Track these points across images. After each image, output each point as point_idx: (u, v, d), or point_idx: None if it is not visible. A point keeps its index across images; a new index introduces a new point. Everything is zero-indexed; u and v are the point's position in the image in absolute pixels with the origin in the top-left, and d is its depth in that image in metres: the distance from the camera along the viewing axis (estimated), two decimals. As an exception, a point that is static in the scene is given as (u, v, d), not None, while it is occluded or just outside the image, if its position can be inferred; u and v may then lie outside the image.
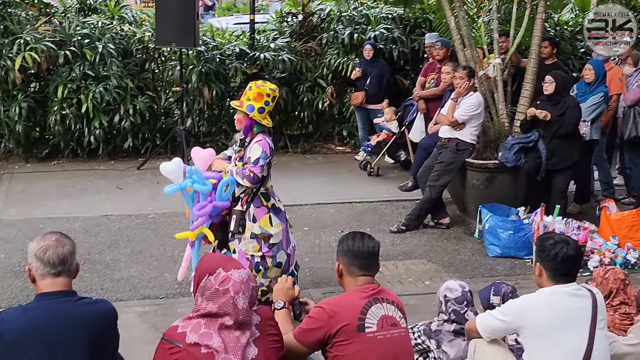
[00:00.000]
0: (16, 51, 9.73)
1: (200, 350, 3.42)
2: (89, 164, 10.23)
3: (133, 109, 10.17)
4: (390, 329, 3.76)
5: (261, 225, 5.57)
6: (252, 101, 5.46)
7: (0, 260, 7.01)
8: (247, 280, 3.54)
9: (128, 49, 10.53)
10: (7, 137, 10.13)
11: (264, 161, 5.44)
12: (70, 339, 3.46)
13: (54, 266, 3.57)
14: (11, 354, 3.47)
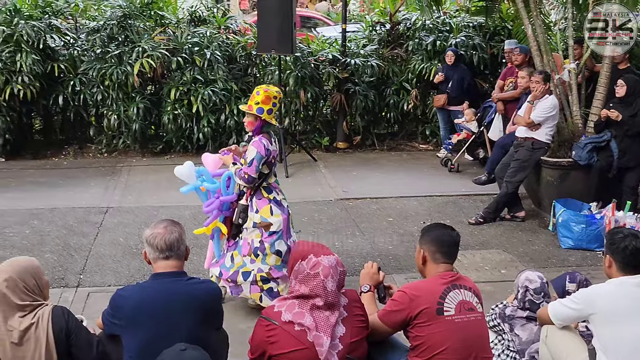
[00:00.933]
0: (135, 58, 10.00)
1: (294, 327, 3.47)
2: (197, 158, 10.38)
3: (237, 110, 10.32)
4: (467, 313, 3.72)
5: (262, 214, 5.53)
6: (261, 104, 5.42)
7: (120, 243, 7.23)
8: (335, 266, 3.57)
9: (233, 55, 10.69)
10: (126, 134, 10.41)
11: (257, 162, 5.37)
12: (179, 314, 3.56)
13: (162, 251, 3.67)
14: (128, 325, 3.59)
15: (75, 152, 10.69)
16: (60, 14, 10.72)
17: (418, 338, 3.69)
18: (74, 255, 6.89)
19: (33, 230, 7.54)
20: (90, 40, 10.46)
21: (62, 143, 10.96)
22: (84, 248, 7.09)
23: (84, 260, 6.79)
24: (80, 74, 10.32)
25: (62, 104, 10.34)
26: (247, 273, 5.54)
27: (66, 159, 10.46)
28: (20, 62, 9.81)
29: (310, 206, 8.43)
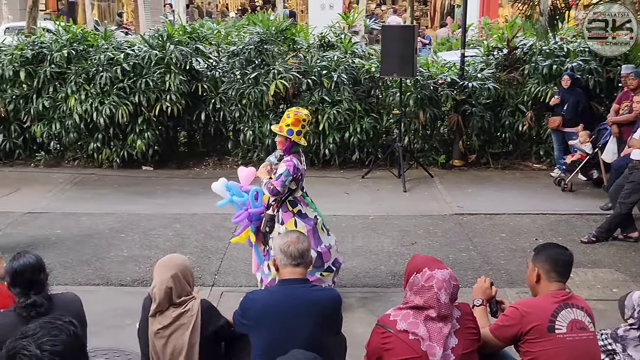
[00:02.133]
0: (270, 79, 10.20)
1: (408, 336, 3.40)
2: (323, 172, 10.50)
3: (360, 128, 10.32)
4: (579, 332, 3.53)
5: (287, 227, 5.55)
6: (291, 126, 5.48)
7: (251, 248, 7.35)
8: (449, 279, 3.48)
9: (357, 78, 10.71)
10: (260, 148, 10.62)
11: (285, 178, 5.44)
12: (303, 317, 3.57)
13: (294, 259, 3.69)
14: (255, 326, 3.63)
15: (215, 163, 11.00)
16: (205, 40, 11.08)
17: (528, 354, 3.54)
18: (210, 257, 7.07)
19: (175, 233, 7.79)
20: (230, 63, 10.76)
21: (203, 155, 11.31)
22: (219, 251, 7.27)
23: (219, 262, 6.96)
24: (221, 93, 10.63)
25: (204, 119, 10.68)
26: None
27: (206, 170, 10.78)
28: (169, 82, 10.20)
29: (426, 220, 8.30)
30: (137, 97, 10.24)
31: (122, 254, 7.20)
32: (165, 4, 28.27)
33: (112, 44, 10.77)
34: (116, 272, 6.73)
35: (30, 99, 10.61)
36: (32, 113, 10.60)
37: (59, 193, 9.41)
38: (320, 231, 5.77)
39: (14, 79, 10.59)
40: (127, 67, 10.31)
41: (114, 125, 10.40)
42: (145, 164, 10.72)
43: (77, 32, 10.98)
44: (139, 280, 6.58)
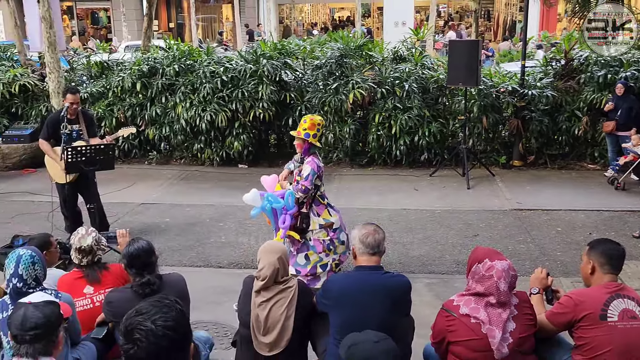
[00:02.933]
0: (349, 89, 10.19)
1: (470, 320, 3.34)
2: (394, 170, 10.41)
3: (428, 132, 10.19)
4: (630, 320, 3.38)
5: (324, 217, 5.66)
6: (307, 130, 5.53)
7: (331, 237, 7.37)
8: (508, 269, 3.39)
9: (426, 87, 10.56)
10: (340, 149, 10.63)
11: (312, 176, 5.51)
12: (377, 300, 3.55)
13: (372, 248, 3.68)
14: (334, 306, 3.64)
15: (300, 163, 11.06)
16: (292, 55, 11.16)
17: (582, 339, 3.41)
18: (296, 244, 7.11)
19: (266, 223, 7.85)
20: (314, 75, 10.80)
21: (290, 155, 11.30)
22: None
23: (302, 249, 6.99)
24: (306, 101, 10.68)
25: (291, 124, 10.76)
26: (324, 265, 5.65)
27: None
28: (262, 92, 10.33)
29: (488, 214, 8.12)
30: (234, 105, 10.41)
31: (220, 240, 7.35)
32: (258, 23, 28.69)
33: (214, 59, 10.99)
34: (215, 256, 6.87)
35: (145, 106, 10.95)
36: (146, 118, 10.93)
37: (168, 187, 9.69)
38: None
39: (131, 89, 10.95)
40: (225, 79, 10.51)
41: (215, 129, 10.61)
42: (241, 162, 10.90)
43: (184, 49, 11.26)
44: (235, 263, 6.70)
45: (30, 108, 11.47)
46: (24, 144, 10.89)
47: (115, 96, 11.05)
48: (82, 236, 4.40)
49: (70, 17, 29.61)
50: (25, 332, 2.88)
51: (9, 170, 10.78)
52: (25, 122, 11.41)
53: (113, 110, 10.98)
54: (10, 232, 7.34)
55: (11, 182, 10.12)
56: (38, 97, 11.57)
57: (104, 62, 11.88)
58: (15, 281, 3.72)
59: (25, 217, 8.29)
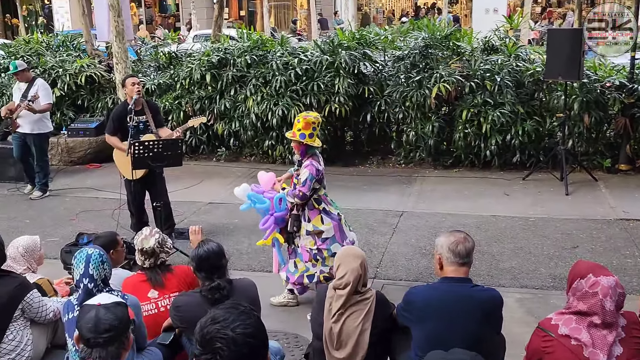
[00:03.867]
0: (433, 82, 10.10)
1: (570, 342, 3.25)
2: (483, 173, 10.24)
3: (522, 130, 9.96)
4: None
5: (314, 224, 5.59)
6: (302, 130, 5.48)
7: (412, 244, 7.34)
8: (614, 286, 3.28)
9: (521, 81, 10.33)
10: (422, 149, 10.54)
11: (310, 182, 5.46)
12: (464, 315, 3.51)
13: (462, 257, 3.65)
14: (417, 320, 3.62)
15: (378, 162, 11.06)
16: (372, 45, 11.16)
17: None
18: (373, 251, 7.12)
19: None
20: (396, 67, 10.76)
21: (367, 154, 11.41)
22: (381, 245, 7.31)
23: (380, 256, 7.01)
24: (386, 95, 10.66)
25: (369, 120, 10.77)
26: (311, 276, 5.63)
27: (370, 168, 10.87)
28: (338, 85, 10.38)
29: (589, 224, 7.87)
30: (309, 99, 10.51)
31: (291, 244, 7.41)
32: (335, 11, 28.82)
33: (287, 50, 11.12)
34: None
35: (214, 99, 11.20)
36: (215, 112, 11.18)
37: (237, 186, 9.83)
38: (344, 226, 5.78)
39: (200, 81, 11.22)
40: (299, 71, 10.61)
41: (287, 125, 10.73)
42: (314, 161, 10.96)
43: (256, 39, 11.45)
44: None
45: (96, 100, 11.94)
46: (89, 138, 11.35)
47: (183, 88, 11.36)
48: (145, 237, 4.55)
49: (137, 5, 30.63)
50: (99, 335, 3.00)
51: (74, 165, 11.26)
52: (91, 114, 11.90)
53: (181, 103, 11.28)
54: (74, 230, 7.68)
55: (76, 178, 10.57)
56: (104, 88, 12.04)
57: (172, 53, 12.23)
58: (86, 282, 3.88)
59: (90, 214, 8.65)
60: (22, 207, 9.11)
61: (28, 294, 4.36)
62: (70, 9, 28.98)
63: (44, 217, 8.60)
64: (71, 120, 11.80)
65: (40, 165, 9.51)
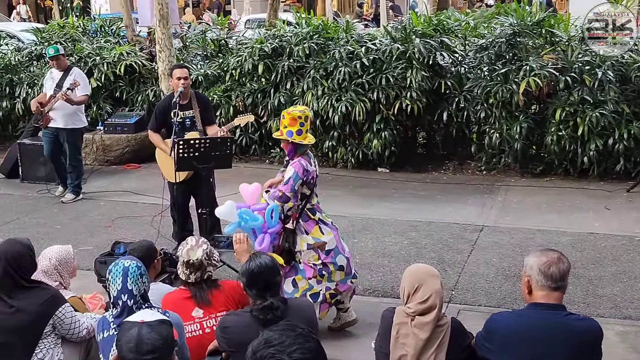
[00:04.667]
0: (521, 76, 9.97)
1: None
2: (579, 182, 10.04)
3: (627, 134, 9.72)
4: None
5: (313, 235, 5.60)
6: (288, 127, 5.51)
7: (493, 264, 7.25)
8: None
9: (627, 75, 10.08)
10: (507, 153, 10.41)
11: (293, 181, 5.46)
12: (556, 348, 3.47)
13: (555, 281, 3.60)
14: (500, 351, 3.59)
15: (455, 168, 10.98)
16: (450, 32, 11.09)
17: None
18: (447, 271, 7.07)
19: (410, 242, 7.90)
20: (478, 58, 10.67)
21: (442, 158, 11.34)
22: (458, 264, 7.25)
23: (456, 277, 6.95)
24: (466, 91, 10.58)
25: (445, 119, 10.70)
26: (316, 295, 5.55)
27: (445, 174, 10.80)
28: (410, 79, 10.35)
29: None
30: (376, 94, 10.51)
31: (354, 260, 7.40)
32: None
33: (353, 37, 11.15)
34: (347, 279, 6.96)
35: (268, 93, 11.32)
36: (269, 108, 11.29)
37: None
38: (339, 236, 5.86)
39: (252, 72, 11.35)
40: (366, 62, 10.62)
41: (350, 123, 10.77)
42: (380, 165, 10.98)
43: (317, 24, 11.51)
44: (371, 290, 6.75)
45: (136, 92, 12.22)
46: (128, 135, 11.61)
47: (234, 80, 11.52)
48: (191, 248, 4.62)
49: (184, -14, 31.22)
50: (141, 356, 3.06)
51: (110, 165, 11.54)
52: (130, 109, 12.17)
53: (230, 97, 11.44)
54: (110, 238, 7.87)
55: (112, 179, 10.82)
56: (145, 79, 12.31)
57: (221, 40, 12.41)
58: (125, 298, 3.97)
59: (127, 220, 8.84)
60: (52, 211, 9.38)
61: (60, 307, 4.48)
62: (110, -9, 29.74)
63: (76, 223, 8.83)
64: (108, 115, 12.09)
65: (73, 165, 9.76)
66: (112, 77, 12.11)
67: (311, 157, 5.72)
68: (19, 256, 4.53)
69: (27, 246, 4.66)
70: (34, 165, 10.73)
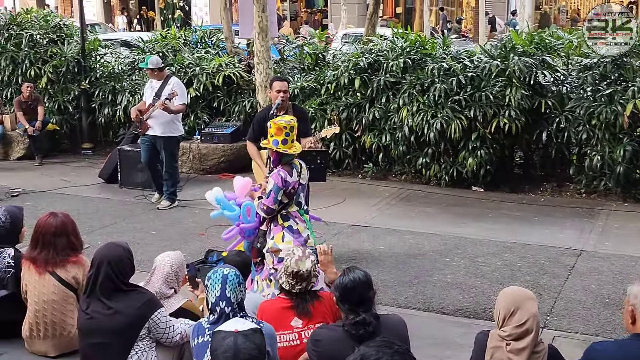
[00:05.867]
0: (628, 98, 9.67)
1: None
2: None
3: None
4: None
5: (275, 241, 5.90)
6: (274, 136, 5.83)
7: (592, 290, 7.05)
8: None
9: None
10: (608, 177, 10.11)
11: (275, 194, 5.81)
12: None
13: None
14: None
15: (553, 190, 10.73)
16: (552, 51, 10.88)
17: None
18: (543, 295, 6.91)
19: (504, 263, 7.76)
20: (582, 78, 10.44)
21: (540, 179, 11.11)
22: (554, 289, 7.08)
23: (552, 302, 6.79)
24: (567, 111, 10.34)
25: (544, 140, 10.49)
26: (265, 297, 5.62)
27: (543, 196, 10.57)
28: (509, 97, 10.19)
29: None
30: (473, 112, 10.39)
31: (445, 279, 7.36)
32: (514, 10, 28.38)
33: (450, 54, 11.08)
34: (438, 298, 6.90)
35: (363, 108, 11.34)
36: (363, 122, 11.31)
37: (384, 207, 9.93)
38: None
39: (348, 86, 11.42)
40: (463, 79, 10.54)
41: (445, 141, 10.68)
42: (475, 184, 10.84)
43: (414, 40, 11.49)
44: (462, 310, 6.67)
45: (233, 103, 12.45)
46: (224, 145, 11.83)
47: (329, 94, 11.61)
48: (299, 258, 4.65)
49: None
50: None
51: (205, 174, 11.78)
52: (227, 119, 12.41)
53: (326, 110, 11.52)
54: (203, 246, 8.03)
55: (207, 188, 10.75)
56: (243, 90, 12.54)
57: (318, 53, 12.54)
58: (223, 305, 4.07)
59: (220, 229, 8.95)
60: (148, 217, 9.64)
61: (156, 311, 4.61)
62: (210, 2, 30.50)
63: (170, 230, 9.05)
64: (205, 125, 12.36)
65: (169, 173, 10.01)
66: (211, 88, 12.38)
67: (296, 167, 6.00)
68: (120, 260, 4.70)
69: (127, 250, 4.83)
70: (132, 172, 11.06)
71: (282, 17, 30.52)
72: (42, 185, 11.20)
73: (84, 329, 4.79)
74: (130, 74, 13.41)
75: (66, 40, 13.80)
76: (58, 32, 13.97)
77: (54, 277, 5.37)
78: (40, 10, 15.68)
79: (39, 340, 5.45)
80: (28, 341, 5.52)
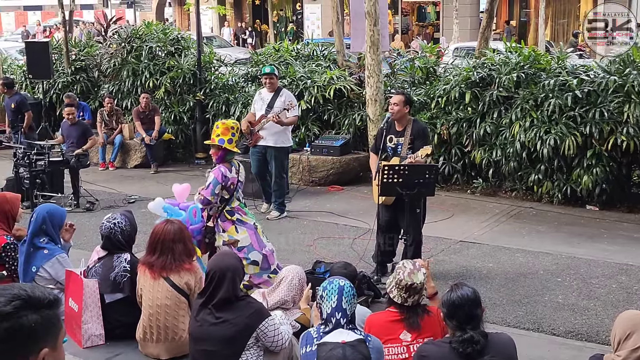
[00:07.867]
0: None
1: None
2: None
3: None
4: None
5: (229, 234, 6.60)
6: (221, 136, 6.54)
7: None
8: None
9: None
10: None
11: (213, 186, 6.46)
12: None
13: None
14: None
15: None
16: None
17: None
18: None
19: (619, 286, 7.52)
20: None
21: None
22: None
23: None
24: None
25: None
26: None
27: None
28: (627, 113, 9.88)
29: None
30: (589, 128, 10.12)
31: (556, 300, 7.20)
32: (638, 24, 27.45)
33: (566, 68, 10.84)
34: (549, 319, 6.75)
35: (474, 122, 11.23)
36: (474, 137, 11.20)
37: (493, 224, 9.79)
38: (260, 235, 6.76)
39: (459, 101, 11.33)
40: (579, 94, 10.28)
41: (559, 157, 10.43)
42: (590, 203, 10.54)
43: (528, 54, 11.31)
44: (574, 333, 6.50)
45: (343, 116, 12.55)
46: (333, 157, 11.94)
47: (439, 108, 11.55)
48: (411, 271, 4.67)
49: (394, 12, 31.75)
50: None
51: (315, 186, 11.92)
52: (336, 131, 12.53)
53: (436, 124, 11.46)
54: (311, 257, 8.14)
55: (316, 200, 11.18)
56: (353, 104, 12.62)
57: (429, 67, 12.50)
58: (339, 316, 4.14)
59: (328, 241, 9.10)
60: (258, 227, 9.83)
61: (264, 321, 4.72)
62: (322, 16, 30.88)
63: (280, 239, 9.19)
64: (315, 137, 12.51)
65: (278, 183, 10.20)
66: (321, 100, 12.52)
67: (234, 165, 6.73)
68: (238, 271, 4.86)
69: (240, 260, 4.97)
70: (243, 182, 11.27)
71: (394, 31, 30.58)
72: (156, 192, 11.54)
73: (194, 335, 4.95)
74: (243, 86, 13.73)
75: (183, 53, 14.31)
76: (176, 44, 14.51)
77: (168, 282, 5.58)
78: (159, 24, 16.30)
79: (151, 344, 5.67)
80: (141, 343, 5.75)
